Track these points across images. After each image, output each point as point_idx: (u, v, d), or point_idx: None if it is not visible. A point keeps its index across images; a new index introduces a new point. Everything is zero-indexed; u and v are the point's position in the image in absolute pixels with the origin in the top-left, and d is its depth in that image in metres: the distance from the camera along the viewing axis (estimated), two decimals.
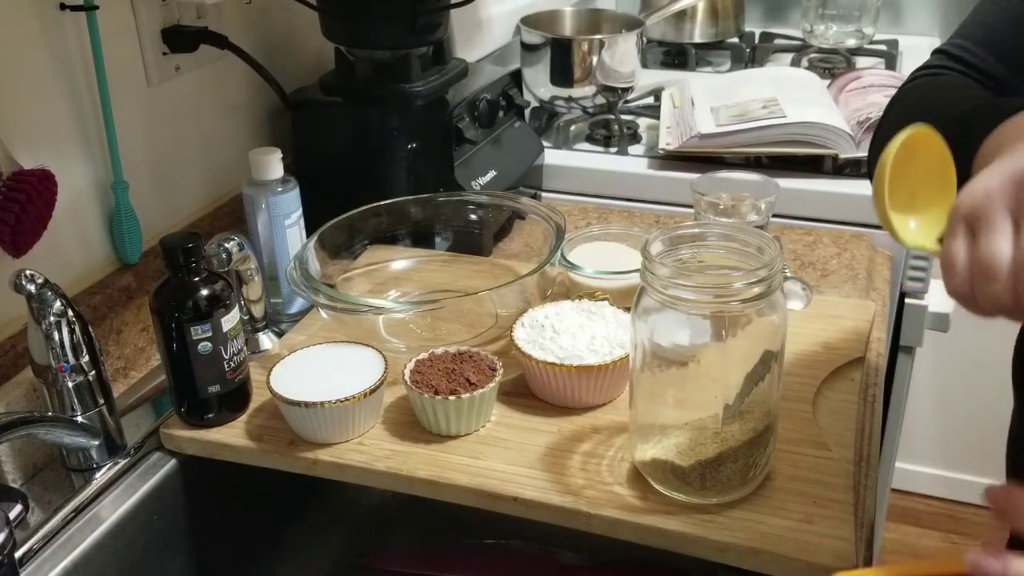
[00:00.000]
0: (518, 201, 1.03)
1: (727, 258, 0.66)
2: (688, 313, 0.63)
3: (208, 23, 1.00)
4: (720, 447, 0.66)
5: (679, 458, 0.67)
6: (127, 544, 0.77)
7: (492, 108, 1.15)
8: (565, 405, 0.80)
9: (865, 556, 0.66)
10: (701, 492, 0.68)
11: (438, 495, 0.74)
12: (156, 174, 0.99)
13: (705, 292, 0.62)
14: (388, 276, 1.03)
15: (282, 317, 0.98)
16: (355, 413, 0.77)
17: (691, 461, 0.67)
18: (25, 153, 0.80)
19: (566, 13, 1.51)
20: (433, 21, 1.08)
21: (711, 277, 0.64)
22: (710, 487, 0.67)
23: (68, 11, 0.84)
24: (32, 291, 0.72)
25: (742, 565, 0.66)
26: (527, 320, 0.84)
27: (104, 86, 0.88)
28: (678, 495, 0.69)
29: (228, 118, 1.09)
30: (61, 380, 0.75)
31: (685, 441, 0.67)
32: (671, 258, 0.65)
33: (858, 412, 0.79)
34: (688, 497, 0.68)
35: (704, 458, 0.66)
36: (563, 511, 0.70)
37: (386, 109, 1.08)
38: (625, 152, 1.35)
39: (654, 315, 0.64)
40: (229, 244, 0.84)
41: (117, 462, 0.79)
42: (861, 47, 1.75)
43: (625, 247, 0.97)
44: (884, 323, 0.94)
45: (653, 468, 0.70)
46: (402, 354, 0.83)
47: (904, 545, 2.07)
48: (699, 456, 0.66)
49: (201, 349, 0.77)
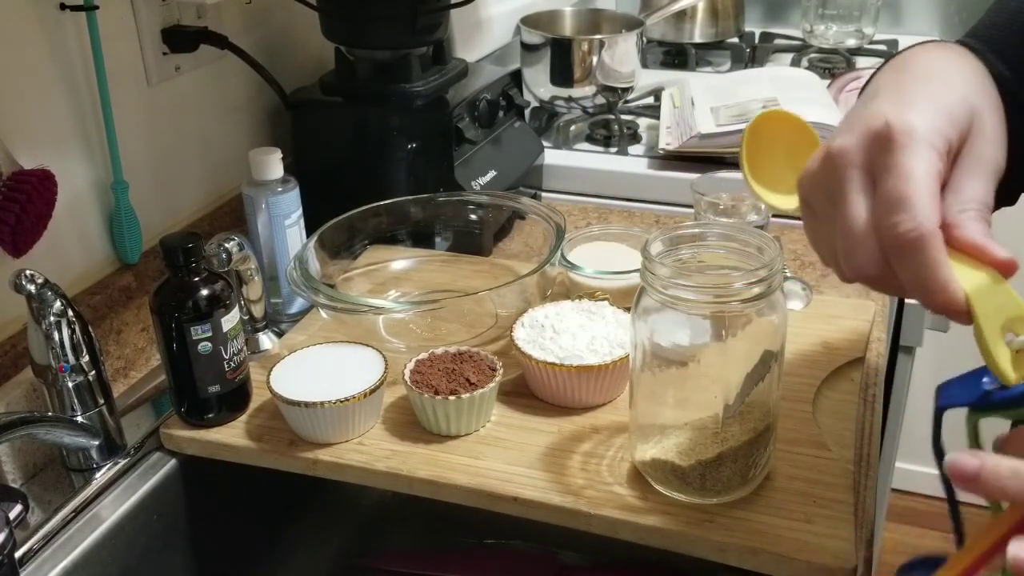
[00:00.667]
0: (518, 201, 1.03)
1: (727, 258, 0.66)
2: (688, 313, 0.63)
3: (208, 23, 1.00)
4: (720, 447, 0.66)
5: (679, 458, 0.67)
6: (127, 544, 0.77)
7: (492, 108, 1.15)
8: (565, 405, 0.80)
9: (865, 556, 0.66)
10: (701, 492, 0.68)
11: (438, 495, 0.74)
12: (156, 174, 0.99)
13: (705, 292, 0.62)
14: (388, 276, 1.03)
15: (282, 317, 0.98)
16: (355, 413, 0.77)
17: (691, 461, 0.67)
18: (25, 153, 0.80)
19: (566, 13, 1.51)
20: (433, 21, 1.08)
21: (711, 277, 0.64)
22: (710, 487, 0.67)
23: (68, 11, 0.84)
24: (32, 291, 0.72)
25: (742, 565, 0.66)
26: (527, 320, 0.84)
27: (104, 86, 0.88)
28: (678, 495, 0.69)
29: (228, 118, 1.09)
30: (61, 380, 0.74)
31: (685, 441, 0.67)
32: (671, 258, 0.65)
33: (858, 412, 0.79)
34: (688, 497, 0.68)
35: (704, 458, 0.66)
36: (563, 511, 0.70)
37: (386, 109, 1.08)
38: (625, 152, 1.35)
39: (654, 315, 0.64)
40: (229, 244, 0.84)
41: (117, 462, 0.79)
42: (861, 47, 1.75)
43: (625, 247, 0.97)
44: (884, 323, 0.94)
45: (653, 468, 0.70)
46: (402, 354, 0.83)
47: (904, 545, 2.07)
48: (699, 456, 0.66)
49: (201, 349, 0.77)
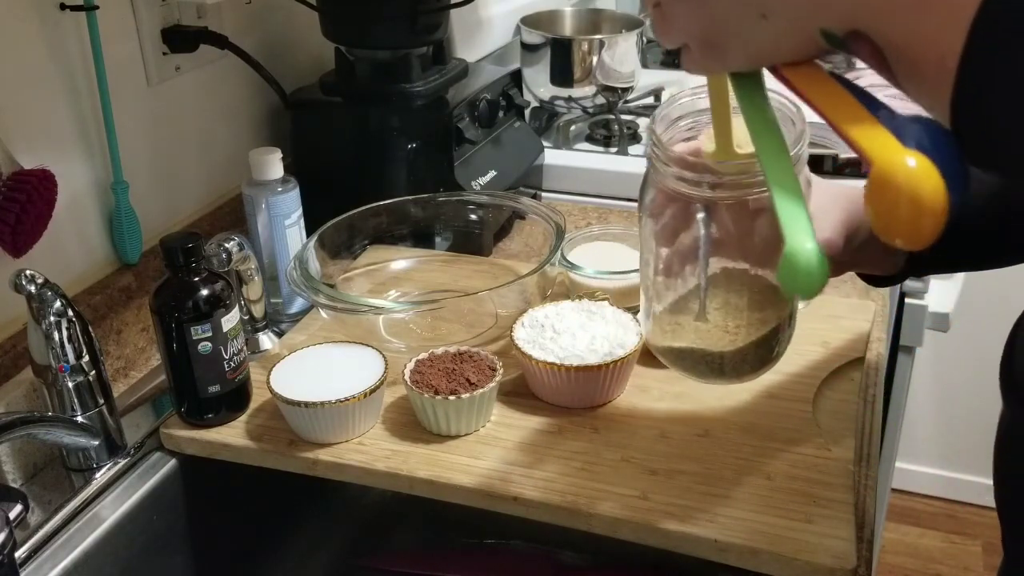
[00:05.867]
0: (518, 201, 1.03)
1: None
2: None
3: (208, 23, 1.00)
4: (740, 329, 0.64)
5: (703, 344, 0.65)
6: (127, 544, 0.77)
7: (492, 108, 1.15)
8: (565, 405, 0.80)
9: (865, 556, 0.66)
10: (735, 373, 0.66)
11: (438, 495, 0.74)
12: (156, 174, 0.99)
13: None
14: (388, 276, 1.03)
15: (282, 317, 0.98)
16: (355, 413, 0.77)
17: (715, 348, 0.64)
18: (25, 153, 0.80)
19: (566, 13, 1.51)
20: (433, 21, 1.08)
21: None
22: (737, 368, 0.65)
23: (68, 11, 0.84)
24: (32, 291, 0.72)
25: (742, 565, 0.66)
26: (527, 320, 0.84)
27: (104, 86, 0.88)
28: (709, 381, 0.67)
29: (228, 118, 1.09)
30: (61, 380, 0.74)
31: (707, 327, 0.64)
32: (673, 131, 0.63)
33: (858, 412, 0.79)
34: (719, 382, 0.67)
35: (724, 346, 0.64)
36: (563, 511, 0.70)
37: (386, 109, 1.08)
38: (625, 152, 1.35)
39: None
40: (229, 244, 0.84)
41: (117, 462, 0.79)
42: None
43: (625, 247, 0.97)
44: (884, 323, 0.94)
45: (679, 357, 0.67)
46: (402, 354, 0.83)
47: (904, 545, 2.07)
48: (721, 343, 0.64)
49: (201, 349, 0.77)
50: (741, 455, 0.74)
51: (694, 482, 0.71)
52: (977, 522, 2.11)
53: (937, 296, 1.25)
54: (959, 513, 2.14)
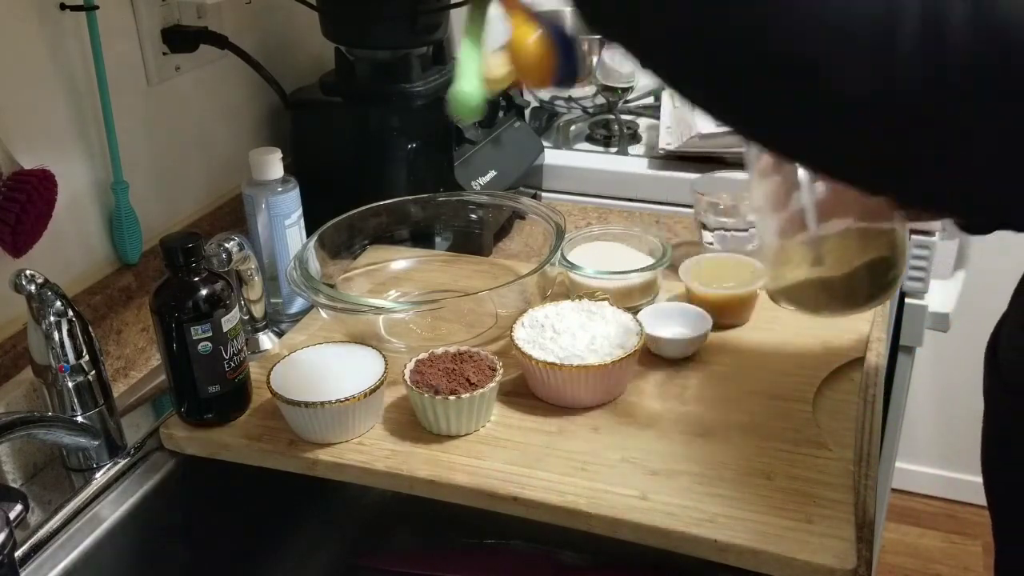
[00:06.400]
0: (518, 201, 1.03)
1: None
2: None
3: (208, 23, 1.00)
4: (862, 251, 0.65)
5: (823, 271, 0.66)
6: (127, 544, 0.77)
7: (492, 108, 1.15)
8: (565, 405, 0.80)
9: (865, 556, 0.65)
10: (860, 299, 0.67)
11: (438, 495, 0.74)
12: (156, 174, 0.99)
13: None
14: (388, 276, 1.03)
15: (282, 317, 0.98)
16: (355, 413, 0.77)
17: (837, 273, 0.65)
18: (25, 153, 0.80)
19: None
20: (433, 21, 1.08)
21: None
22: (867, 292, 0.66)
23: (68, 11, 0.84)
24: (32, 291, 0.72)
25: (742, 565, 0.66)
26: (527, 320, 0.84)
27: (104, 86, 0.88)
28: (826, 313, 0.69)
29: (228, 118, 1.09)
30: (61, 380, 0.75)
31: (826, 255, 0.66)
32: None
33: (858, 412, 0.79)
34: (836, 311, 0.68)
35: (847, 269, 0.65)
36: (563, 511, 0.70)
37: (386, 109, 1.08)
38: (625, 152, 1.35)
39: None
40: (229, 244, 0.84)
41: (117, 462, 0.79)
42: None
43: (625, 247, 0.97)
44: (884, 323, 0.94)
45: (799, 291, 0.68)
46: (402, 354, 0.83)
47: (904, 545, 2.07)
48: (840, 266, 0.65)
49: (201, 349, 0.77)
50: (741, 455, 0.74)
51: (694, 482, 0.71)
52: (977, 522, 2.10)
53: (937, 296, 1.24)
54: (959, 513, 2.13)
